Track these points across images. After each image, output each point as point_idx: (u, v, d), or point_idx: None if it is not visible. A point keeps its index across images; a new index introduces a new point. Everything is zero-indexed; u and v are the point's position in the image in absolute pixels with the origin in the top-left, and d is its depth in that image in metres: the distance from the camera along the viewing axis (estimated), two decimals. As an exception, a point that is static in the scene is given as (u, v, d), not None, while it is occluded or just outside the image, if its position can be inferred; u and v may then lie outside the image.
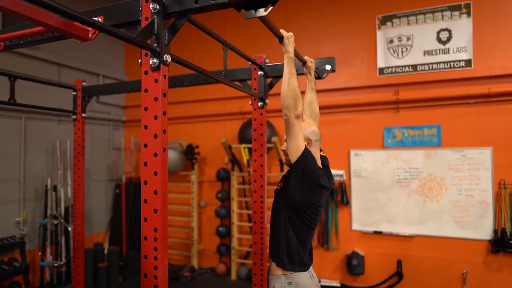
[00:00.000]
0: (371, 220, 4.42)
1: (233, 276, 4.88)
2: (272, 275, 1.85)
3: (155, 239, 1.23)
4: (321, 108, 4.57)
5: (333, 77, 4.55)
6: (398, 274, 4.22)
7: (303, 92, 2.00)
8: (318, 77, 2.23)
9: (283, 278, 1.78)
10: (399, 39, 4.37)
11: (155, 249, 1.22)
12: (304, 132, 1.82)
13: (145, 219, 1.24)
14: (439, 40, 4.21)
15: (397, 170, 4.32)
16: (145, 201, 1.25)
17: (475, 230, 3.98)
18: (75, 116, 2.94)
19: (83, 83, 2.97)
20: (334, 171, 4.37)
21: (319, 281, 4.40)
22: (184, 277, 4.82)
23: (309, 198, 1.73)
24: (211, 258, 5.27)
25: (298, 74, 2.21)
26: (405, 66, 4.34)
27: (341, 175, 4.54)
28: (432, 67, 4.23)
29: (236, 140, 4.97)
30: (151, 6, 1.25)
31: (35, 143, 4.59)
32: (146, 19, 1.27)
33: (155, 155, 1.23)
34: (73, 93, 2.95)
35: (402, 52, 4.35)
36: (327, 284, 4.46)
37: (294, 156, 1.70)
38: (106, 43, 5.58)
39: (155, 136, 1.24)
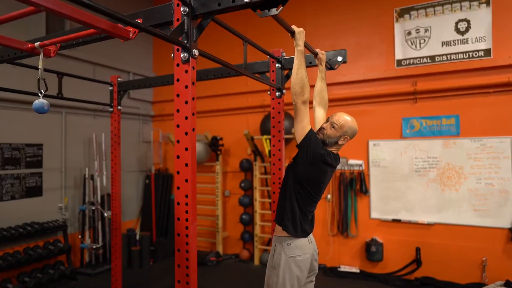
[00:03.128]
0: (390, 208, 4.54)
1: (256, 261, 5.13)
2: (275, 236, 2.08)
3: (186, 204, 1.47)
4: (340, 100, 4.76)
5: (352, 70, 4.71)
6: (417, 261, 4.33)
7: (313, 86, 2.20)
8: (331, 67, 2.41)
9: (283, 238, 2.01)
10: (417, 31, 4.43)
11: (186, 212, 1.47)
12: (348, 129, 2.00)
13: (178, 203, 1.49)
14: (457, 30, 4.25)
15: (415, 159, 4.41)
16: (178, 172, 1.50)
17: (495, 218, 4.02)
18: (111, 109, 3.26)
19: (119, 79, 3.28)
20: (353, 161, 4.55)
21: (339, 267, 4.59)
22: (210, 262, 5.12)
23: (312, 174, 1.95)
24: (235, 244, 5.55)
25: (311, 66, 2.41)
26: (423, 58, 4.40)
27: (360, 165, 4.67)
28: (450, 57, 4.28)
29: (258, 132, 5.20)
30: (181, 9, 1.48)
31: (74, 136, 5.01)
32: (178, 20, 1.51)
33: (186, 133, 1.47)
34: (110, 88, 3.27)
35: (420, 43, 4.42)
36: (347, 270, 4.62)
37: (299, 137, 1.92)
38: (136, 43, 5.94)
39: (186, 118, 1.48)
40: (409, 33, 4.48)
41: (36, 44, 1.76)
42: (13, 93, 2.63)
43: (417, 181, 4.40)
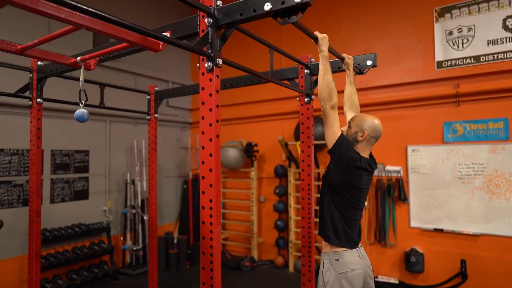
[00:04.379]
0: (431, 217, 4.31)
1: (291, 268, 5.09)
2: (322, 253, 2.01)
3: (211, 208, 1.52)
4: (376, 104, 4.64)
5: (388, 74, 4.57)
6: (462, 274, 4.06)
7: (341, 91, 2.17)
8: (360, 72, 2.36)
9: (331, 254, 1.94)
10: (459, 30, 4.21)
11: (211, 216, 1.51)
12: (363, 123, 1.96)
13: (203, 207, 1.54)
14: (505, 27, 3.98)
15: (459, 165, 4.16)
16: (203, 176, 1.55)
17: (551, 230, 3.68)
18: (149, 117, 3.43)
19: (155, 88, 3.45)
20: (390, 167, 4.40)
21: (376, 277, 4.43)
22: (245, 267, 5.16)
23: (347, 179, 1.90)
24: (270, 250, 5.54)
25: (340, 71, 2.38)
26: (466, 58, 4.17)
27: (398, 171, 4.49)
28: (497, 57, 4.01)
29: (292, 138, 5.19)
30: (206, 21, 1.55)
31: (117, 143, 5.32)
32: (203, 31, 1.57)
33: (210, 140, 1.53)
34: (147, 97, 3.45)
35: (462, 43, 4.19)
36: (385, 281, 4.44)
37: (331, 142, 1.89)
38: (174, 52, 6.21)
39: (210, 125, 1.54)
40: (451, 33, 4.26)
41: (78, 58, 1.92)
42: (61, 103, 2.86)
43: (461, 189, 4.15)
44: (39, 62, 2.48)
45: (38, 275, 2.44)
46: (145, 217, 5.23)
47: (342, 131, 1.97)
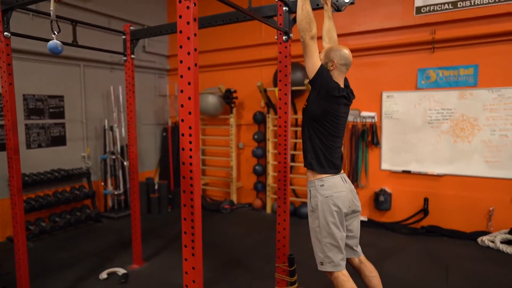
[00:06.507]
0: (401, 160, 4.58)
1: (268, 210, 5.37)
2: (308, 182, 2.13)
3: (190, 135, 1.58)
4: (354, 51, 4.64)
5: (367, 18, 4.56)
6: (424, 211, 4.42)
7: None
8: (338, 9, 2.36)
9: (316, 181, 2.05)
10: (440, -26, 4.18)
11: (190, 142, 1.58)
12: (331, 52, 2.02)
13: (182, 134, 1.59)
14: (484, -27, 3.98)
15: (429, 111, 4.36)
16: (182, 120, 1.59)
17: (506, 170, 4.01)
18: (125, 58, 3.34)
19: (131, 28, 3.33)
20: (365, 113, 4.55)
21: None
22: (224, 209, 5.40)
23: (327, 108, 1.97)
24: (249, 194, 5.79)
25: (318, 9, 2.37)
26: (444, 4, 4.18)
27: (373, 117, 4.66)
28: (474, 2, 4.05)
29: (271, 84, 5.21)
30: None
31: (93, 89, 5.18)
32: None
33: (188, 53, 1.53)
34: (123, 36, 3.33)
35: (442, -12, 4.18)
36: (355, 219, 4.78)
37: (311, 73, 1.95)
38: (149, -6, 5.88)
39: (188, 53, 1.55)
40: (431, -23, 4.23)
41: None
42: (30, 39, 2.73)
43: (430, 133, 4.38)
44: (3, -7, 2.34)
45: (22, 210, 2.50)
46: (125, 163, 5.28)
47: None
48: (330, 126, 2.01)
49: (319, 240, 2.03)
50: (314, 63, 1.93)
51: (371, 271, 2.17)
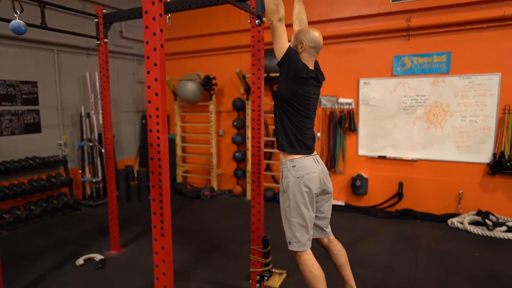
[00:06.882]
0: (377, 145, 4.68)
1: (248, 196, 5.42)
2: (280, 164, 2.15)
3: (157, 116, 1.58)
4: (332, 37, 4.68)
5: (346, 5, 4.59)
6: (399, 195, 4.56)
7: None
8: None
9: (288, 162, 2.08)
10: (415, -39, 4.23)
11: (157, 124, 1.59)
12: (301, 35, 2.03)
13: (150, 116, 1.59)
14: (457, -39, 4.05)
15: (404, 97, 4.46)
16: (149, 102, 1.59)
17: (476, 154, 4.16)
18: (98, 42, 3.27)
19: (103, 10, 3.26)
20: (343, 100, 4.61)
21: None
22: (205, 196, 5.42)
23: (296, 89, 2.00)
24: (229, 181, 5.82)
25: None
26: (419, -9, 4.25)
27: (350, 104, 4.73)
28: (448, -9, 4.13)
29: (250, 71, 5.19)
30: None
31: (68, 75, 5.06)
32: None
33: (154, 34, 1.53)
34: (95, 20, 3.26)
35: (417, -25, 4.23)
36: (333, 203, 4.87)
37: (279, 55, 1.97)
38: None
39: (154, 34, 1.54)
40: (407, -35, 4.27)
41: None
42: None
43: (404, 119, 4.49)
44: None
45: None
46: (103, 150, 5.21)
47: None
48: (300, 107, 2.04)
49: (289, 220, 2.08)
50: (282, 45, 1.95)
51: (339, 250, 2.25)
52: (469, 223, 4.00)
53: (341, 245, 2.29)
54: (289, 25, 2.14)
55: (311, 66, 2.07)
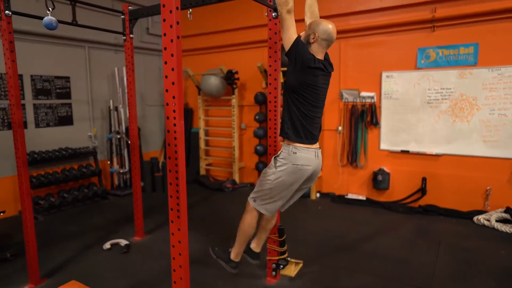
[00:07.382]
0: (399, 140, 4.60)
1: (269, 189, 5.47)
2: (283, 145, 2.19)
3: (174, 104, 1.68)
4: (354, 31, 4.63)
5: (368, -3, 4.51)
6: (422, 190, 4.47)
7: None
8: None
9: (291, 147, 2.13)
10: (442, -50, 4.10)
11: (174, 111, 1.68)
12: (315, 25, 2.07)
13: (167, 104, 1.68)
14: None
15: (428, 91, 4.35)
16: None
17: (504, 149, 4.01)
18: (124, 37, 3.43)
19: (129, 7, 3.41)
20: (365, 93, 4.57)
21: (346, 195, 4.82)
22: (227, 188, 5.54)
23: (304, 79, 2.03)
24: (251, 174, 5.91)
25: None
26: (446, -19, 4.12)
27: (372, 97, 4.68)
28: (476, -20, 3.98)
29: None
30: None
31: (98, 70, 5.31)
32: None
33: (171, 26, 1.61)
34: (122, 16, 3.42)
35: (443, -36, 4.11)
36: (354, 198, 4.86)
37: (287, 45, 2.01)
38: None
39: (171, 26, 1.63)
40: (433, -46, 4.16)
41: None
42: (28, 17, 2.84)
43: (428, 113, 4.39)
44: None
45: (27, 181, 2.66)
46: (129, 142, 5.43)
47: (300, 35, 2.07)
48: (309, 96, 2.08)
49: (263, 186, 2.20)
50: (290, 36, 2.00)
51: (271, 223, 2.49)
52: (497, 221, 3.86)
53: (276, 222, 2.54)
54: (300, 20, 2.17)
55: (320, 57, 2.10)
